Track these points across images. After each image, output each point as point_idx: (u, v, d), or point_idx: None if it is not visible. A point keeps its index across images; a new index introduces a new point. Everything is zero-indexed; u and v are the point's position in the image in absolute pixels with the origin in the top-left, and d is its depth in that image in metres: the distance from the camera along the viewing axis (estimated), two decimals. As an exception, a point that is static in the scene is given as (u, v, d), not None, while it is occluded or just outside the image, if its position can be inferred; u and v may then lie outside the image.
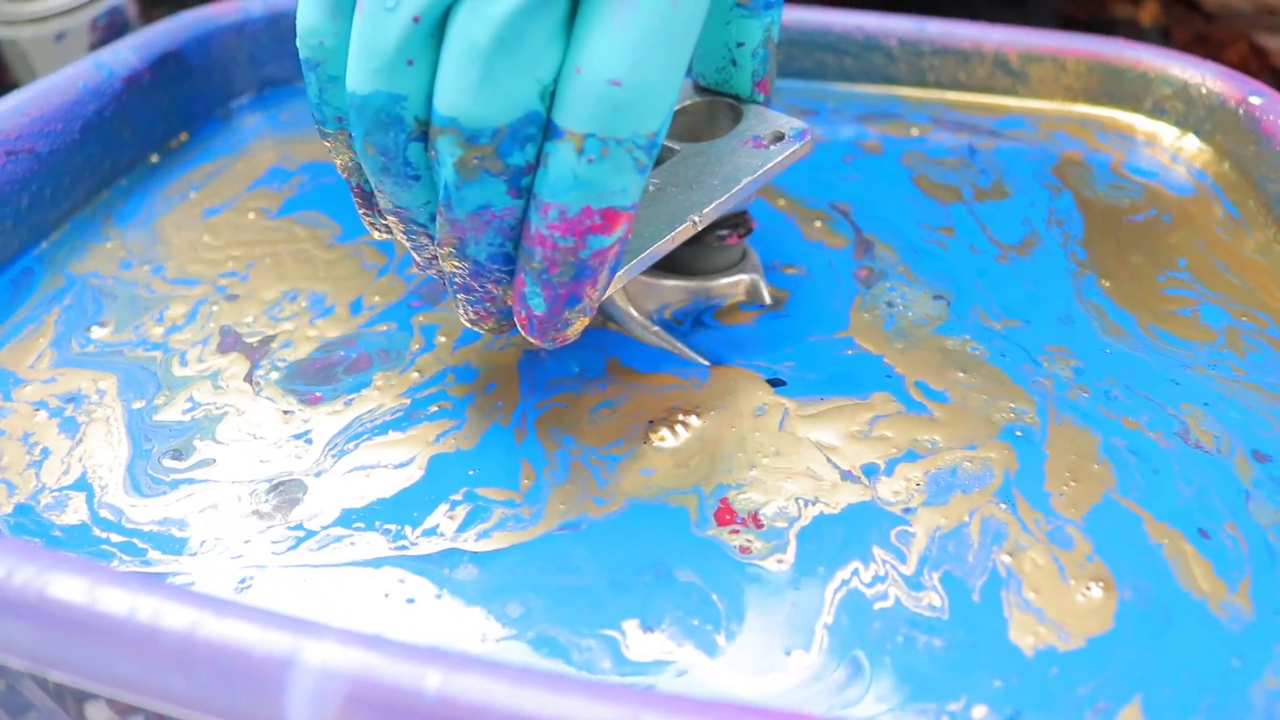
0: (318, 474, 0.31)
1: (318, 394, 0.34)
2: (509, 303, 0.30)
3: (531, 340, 0.30)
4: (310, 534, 0.29)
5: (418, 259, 0.31)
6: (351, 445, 0.32)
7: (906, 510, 0.29)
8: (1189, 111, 0.44)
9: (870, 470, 0.31)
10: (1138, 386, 0.33)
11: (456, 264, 0.28)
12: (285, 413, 0.33)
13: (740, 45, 0.33)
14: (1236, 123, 0.41)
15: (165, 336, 0.37)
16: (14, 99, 0.41)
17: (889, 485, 0.30)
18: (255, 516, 0.30)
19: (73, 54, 0.60)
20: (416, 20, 0.24)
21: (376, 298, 0.38)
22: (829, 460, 0.31)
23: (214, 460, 0.32)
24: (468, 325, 0.32)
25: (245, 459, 0.32)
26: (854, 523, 0.29)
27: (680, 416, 0.32)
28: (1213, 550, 0.28)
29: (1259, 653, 0.26)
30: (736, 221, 0.35)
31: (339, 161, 0.30)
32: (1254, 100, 0.41)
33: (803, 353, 0.35)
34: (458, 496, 0.30)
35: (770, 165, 0.32)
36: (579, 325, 0.29)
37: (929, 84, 0.47)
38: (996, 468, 0.31)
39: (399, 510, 0.30)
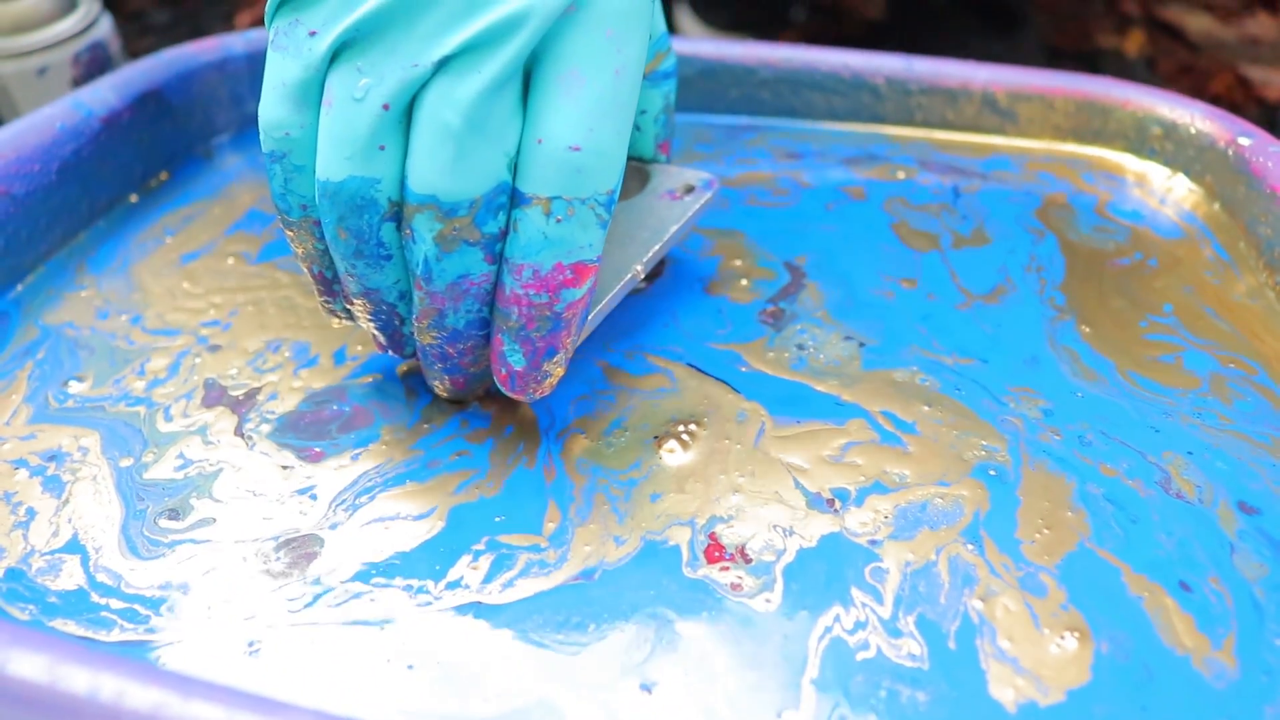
0: (333, 526, 0.31)
1: (317, 449, 0.33)
2: (483, 365, 0.31)
3: (513, 396, 0.31)
4: (328, 589, 0.29)
5: (381, 340, 0.32)
6: (364, 499, 0.31)
7: (873, 543, 0.29)
8: (1178, 151, 0.43)
9: (841, 495, 0.31)
10: (1114, 432, 0.33)
11: (434, 335, 0.30)
12: (284, 468, 0.33)
13: (643, 113, 0.36)
14: (1226, 163, 0.41)
15: (148, 391, 0.36)
16: (-10, 141, 0.41)
17: (857, 516, 0.30)
18: (266, 575, 0.29)
19: (55, 88, 0.60)
20: (386, 108, 0.26)
21: (359, 348, 0.37)
22: (797, 484, 0.31)
23: (214, 519, 0.31)
24: (444, 394, 0.33)
25: (247, 517, 0.31)
26: (831, 558, 0.29)
27: (680, 428, 0.33)
28: (1195, 604, 0.28)
29: (1247, 714, 0.25)
30: None
31: (300, 250, 0.31)
32: (1243, 141, 0.40)
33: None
34: (480, 546, 0.30)
35: (690, 214, 0.36)
36: (557, 376, 0.31)
37: (916, 123, 0.47)
38: (967, 506, 0.30)
39: (420, 563, 0.29)
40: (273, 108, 0.28)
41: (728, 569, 0.29)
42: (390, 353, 0.33)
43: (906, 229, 0.42)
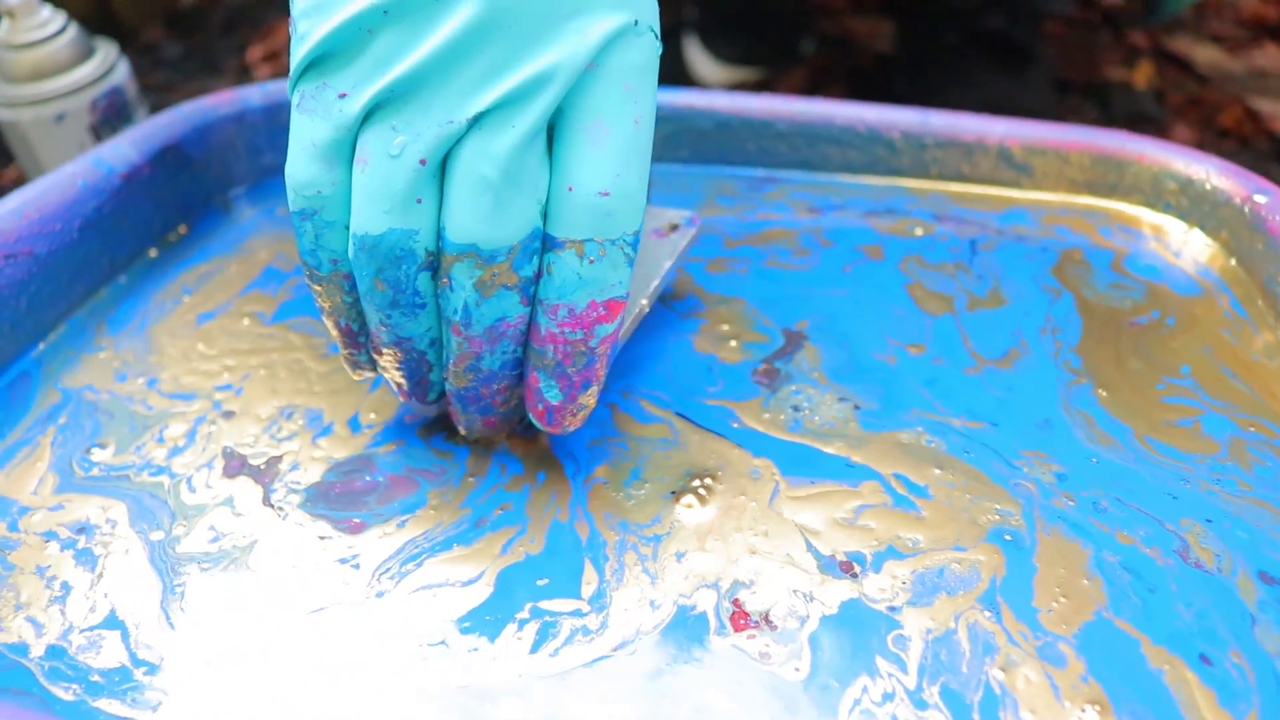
0: (379, 595, 0.31)
1: (356, 519, 0.33)
2: (513, 404, 0.33)
3: (548, 430, 0.32)
4: (376, 659, 0.29)
5: (406, 387, 0.33)
6: (411, 566, 0.32)
7: (892, 609, 0.30)
8: (1194, 206, 0.44)
9: (858, 559, 0.31)
10: (1130, 499, 0.33)
11: (470, 378, 0.31)
12: (322, 539, 0.33)
13: None
14: (1242, 220, 0.41)
15: (168, 459, 0.36)
16: (14, 200, 0.41)
17: (875, 581, 0.31)
18: (310, 645, 0.29)
19: (73, 135, 0.60)
20: (423, 163, 0.28)
21: (372, 415, 0.37)
22: (810, 546, 0.32)
23: (253, 591, 0.31)
24: (473, 435, 0.35)
25: (287, 588, 0.31)
26: (854, 625, 0.29)
27: (695, 483, 0.34)
28: (1216, 679, 0.28)
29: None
30: None
31: (327, 305, 0.32)
32: (1259, 199, 0.41)
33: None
34: (524, 614, 0.30)
35: (680, 250, 0.39)
36: (589, 408, 0.32)
37: (932, 176, 0.47)
38: (984, 571, 0.31)
39: (470, 632, 0.30)
40: (303, 167, 0.29)
41: (754, 637, 0.29)
42: (413, 400, 0.34)
43: (921, 290, 0.42)
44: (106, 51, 0.62)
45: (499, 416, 0.34)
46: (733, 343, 0.40)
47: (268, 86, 0.50)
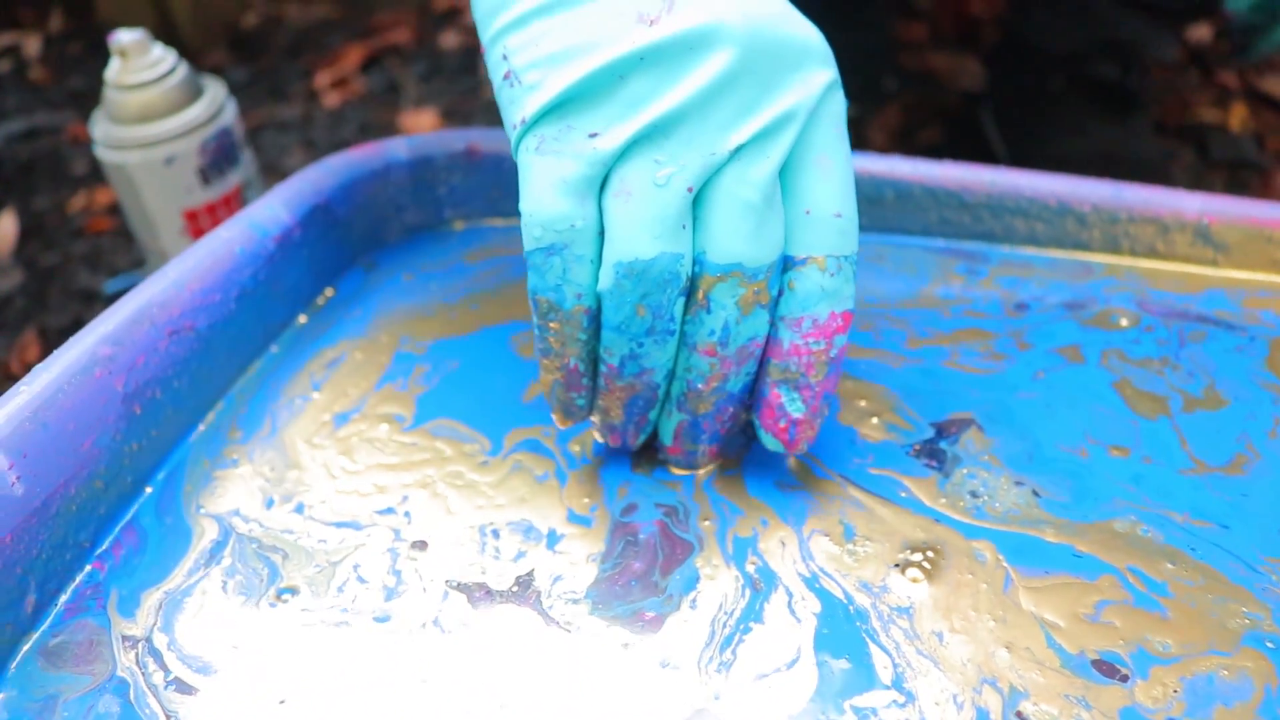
0: (716, 697, 0.30)
1: (649, 613, 0.32)
2: (731, 432, 0.36)
3: (787, 448, 0.34)
4: None
5: (620, 427, 0.35)
6: (729, 655, 0.31)
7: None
8: None
9: (1113, 659, 0.30)
10: None
11: (712, 401, 0.33)
12: (624, 646, 0.31)
13: None
14: None
15: (387, 602, 0.33)
16: (173, 271, 0.38)
17: (1145, 689, 0.29)
18: None
19: (182, 178, 0.57)
20: (690, 190, 0.30)
21: (585, 500, 0.35)
22: (1051, 642, 0.31)
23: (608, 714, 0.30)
24: (695, 467, 0.36)
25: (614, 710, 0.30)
26: None
27: (914, 556, 0.34)
28: None
29: None
30: None
31: (558, 344, 0.32)
32: None
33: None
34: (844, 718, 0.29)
35: None
36: (821, 421, 0.34)
37: (1122, 251, 0.45)
38: (1255, 680, 0.29)
39: None
40: (553, 203, 0.30)
41: None
42: (620, 443, 0.36)
43: (1130, 388, 0.39)
44: (215, 91, 0.59)
45: (722, 445, 0.36)
46: (874, 420, 0.39)
47: (414, 140, 0.47)
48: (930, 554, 0.33)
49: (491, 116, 0.92)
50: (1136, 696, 0.29)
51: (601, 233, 0.31)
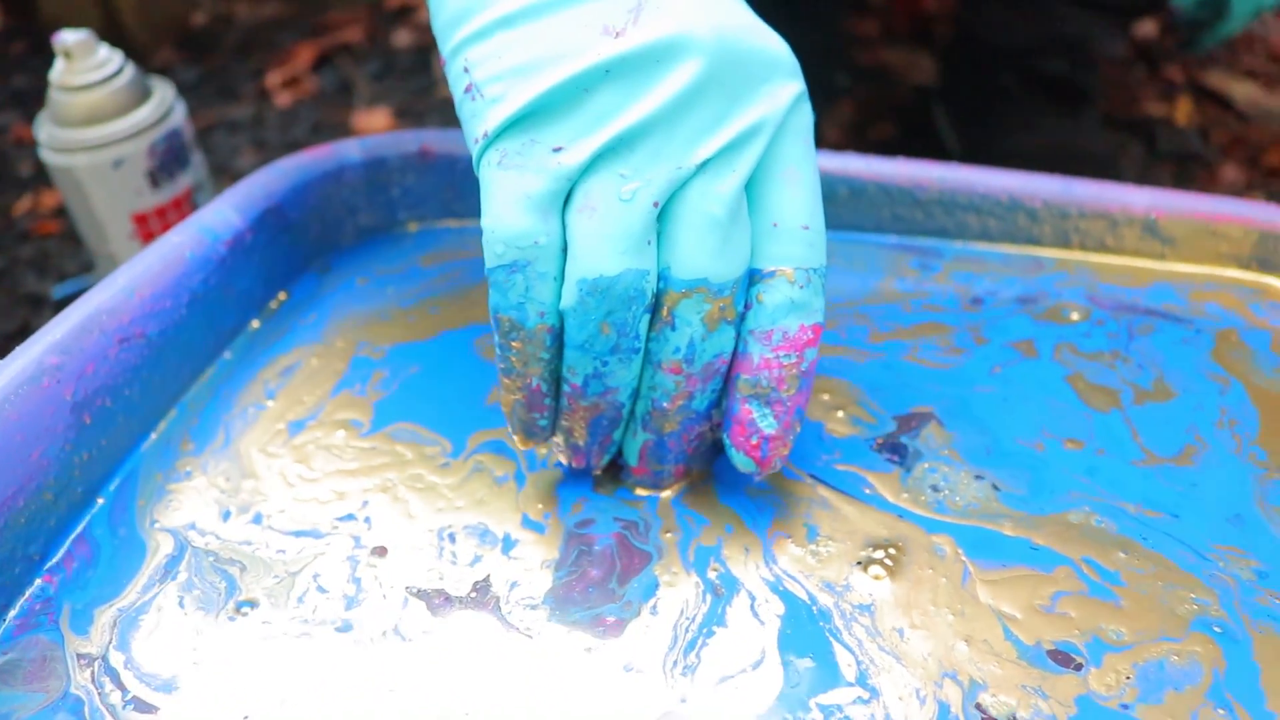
0: (682, 701, 0.30)
1: (609, 618, 0.32)
2: (697, 451, 0.35)
3: (759, 467, 0.33)
4: None
5: (584, 447, 0.34)
6: (693, 658, 0.31)
7: (1125, 706, 0.29)
8: (1349, 283, 0.42)
9: (1069, 649, 0.31)
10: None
11: (678, 421, 0.33)
12: (587, 650, 0.31)
13: None
14: None
15: (347, 611, 0.32)
16: (123, 277, 0.38)
17: (1099, 677, 0.30)
18: None
19: (130, 181, 0.57)
20: (656, 205, 0.30)
21: (539, 506, 0.35)
22: (1009, 634, 0.31)
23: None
24: (660, 488, 0.36)
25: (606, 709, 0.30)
26: None
27: (876, 554, 0.34)
28: None
29: None
30: None
31: (520, 363, 0.32)
32: None
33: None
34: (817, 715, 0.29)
35: None
36: (793, 437, 0.33)
37: (1073, 245, 0.45)
38: (1204, 664, 0.30)
39: None
40: (517, 219, 0.29)
41: None
42: (584, 464, 0.35)
43: (1083, 382, 0.40)
44: (163, 92, 0.58)
45: (688, 466, 0.35)
46: (839, 413, 0.39)
47: (366, 141, 0.47)
48: (892, 551, 0.34)
49: (445, 117, 0.92)
50: (1090, 684, 0.30)
51: (565, 249, 0.30)
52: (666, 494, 0.36)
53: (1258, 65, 0.98)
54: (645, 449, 0.34)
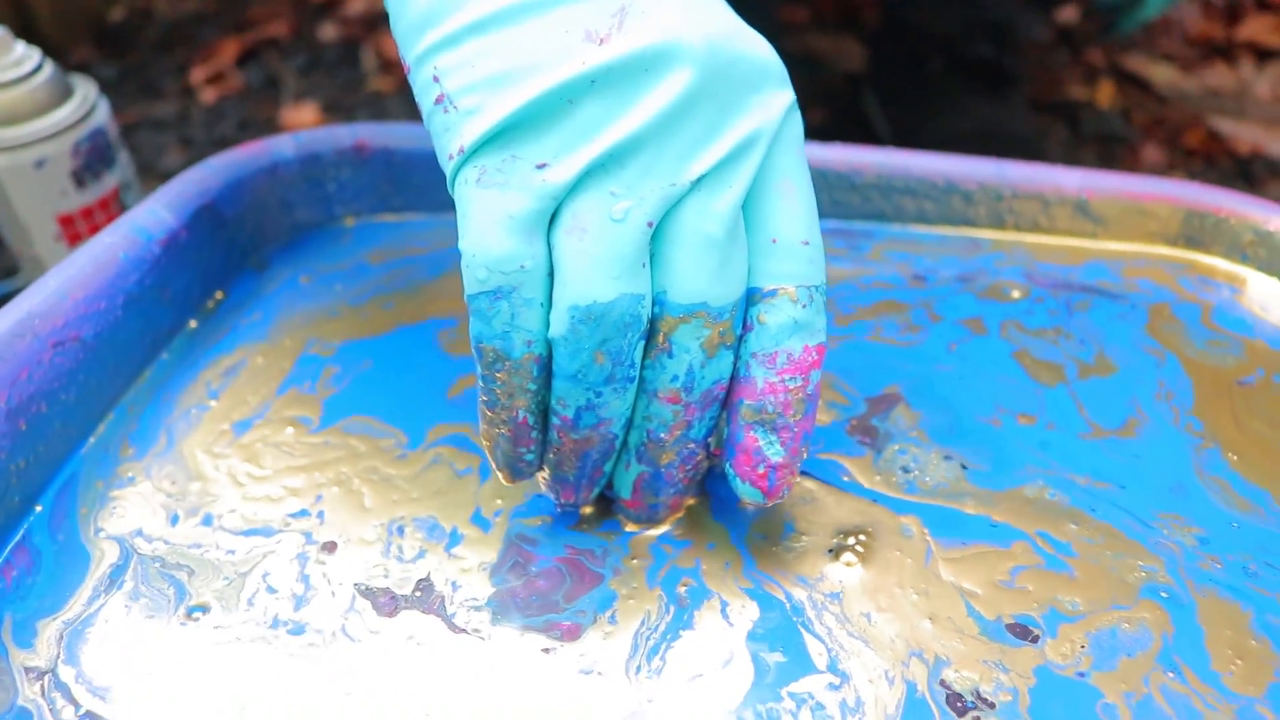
0: (649, 701, 0.29)
1: (565, 623, 0.31)
2: (693, 482, 0.33)
3: (766, 497, 0.31)
4: None
5: (573, 483, 0.32)
6: (659, 662, 0.30)
7: (1080, 675, 0.30)
8: (1271, 258, 0.44)
9: (1027, 622, 0.31)
10: (1280, 564, 0.33)
11: (675, 452, 0.31)
12: (545, 651, 0.31)
13: None
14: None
15: (297, 611, 0.32)
16: (54, 280, 0.37)
17: (1055, 647, 0.31)
18: None
19: (54, 182, 0.55)
20: (650, 225, 0.28)
21: (498, 502, 0.35)
22: (971, 610, 0.32)
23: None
24: (655, 522, 0.34)
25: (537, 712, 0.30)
26: (1058, 695, 0.30)
27: (848, 540, 0.34)
28: None
29: None
30: None
31: (505, 397, 0.29)
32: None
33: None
34: (784, 705, 0.30)
35: None
36: (800, 464, 0.31)
37: (1007, 226, 0.46)
38: (1154, 630, 0.31)
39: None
40: (499, 241, 0.27)
41: (979, 718, 0.29)
42: (573, 499, 0.33)
43: (1029, 358, 0.41)
44: (85, 89, 0.57)
45: (682, 496, 0.34)
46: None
47: (300, 136, 0.46)
48: (863, 537, 0.34)
49: (375, 110, 0.90)
50: (1048, 655, 0.31)
51: (551, 273, 0.28)
52: (652, 533, 0.34)
53: (1175, 49, 1.01)
54: (640, 482, 0.32)
